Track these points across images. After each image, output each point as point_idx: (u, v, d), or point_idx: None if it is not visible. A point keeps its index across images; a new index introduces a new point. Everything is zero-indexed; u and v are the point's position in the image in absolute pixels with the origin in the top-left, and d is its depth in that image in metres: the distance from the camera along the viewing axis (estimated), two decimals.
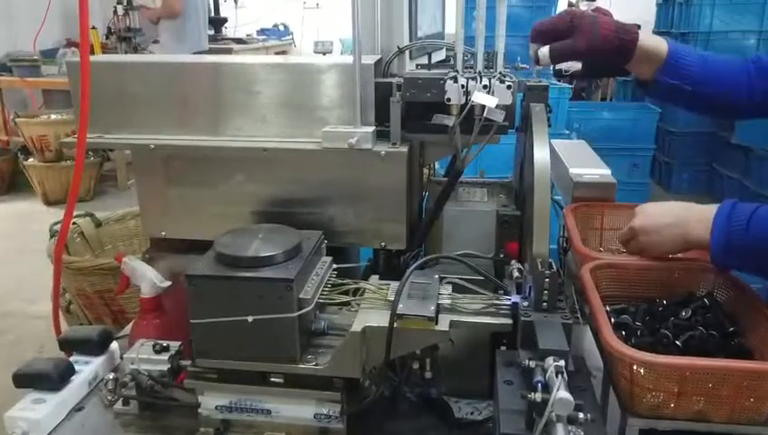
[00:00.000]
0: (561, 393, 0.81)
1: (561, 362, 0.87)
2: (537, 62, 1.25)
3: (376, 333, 1.06)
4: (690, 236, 1.11)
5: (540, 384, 0.85)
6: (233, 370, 1.10)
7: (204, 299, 1.07)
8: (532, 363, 0.90)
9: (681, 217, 1.14)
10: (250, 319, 1.04)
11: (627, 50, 1.21)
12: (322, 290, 1.14)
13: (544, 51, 1.23)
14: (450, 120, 1.23)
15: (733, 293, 1.12)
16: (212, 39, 6.38)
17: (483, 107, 1.19)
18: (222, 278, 1.07)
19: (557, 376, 0.85)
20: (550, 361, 0.88)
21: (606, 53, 1.21)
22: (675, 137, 5.17)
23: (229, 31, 7.80)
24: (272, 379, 1.10)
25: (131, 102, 1.37)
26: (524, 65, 1.34)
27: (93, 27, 5.42)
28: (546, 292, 1.00)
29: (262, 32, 8.14)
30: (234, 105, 1.35)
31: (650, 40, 1.23)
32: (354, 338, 1.06)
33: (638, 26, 1.23)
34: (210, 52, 5.51)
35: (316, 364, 1.08)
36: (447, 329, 1.06)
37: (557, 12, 5.71)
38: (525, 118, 1.30)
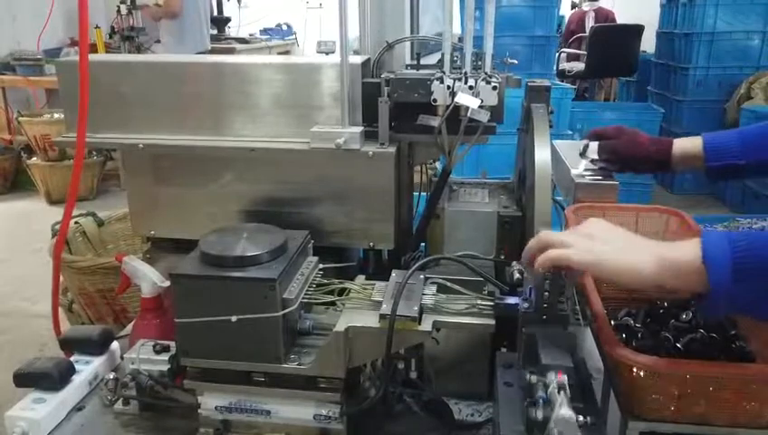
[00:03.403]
0: (564, 411, 0.78)
1: (564, 378, 0.84)
2: (583, 152, 1.45)
3: (359, 332, 1.06)
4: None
5: (541, 400, 0.83)
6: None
7: (188, 298, 1.06)
8: (534, 378, 0.87)
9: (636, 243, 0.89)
10: (234, 319, 1.04)
11: (663, 153, 1.38)
12: (307, 290, 1.14)
13: (593, 145, 1.43)
14: (435, 121, 1.23)
15: None
16: (215, 39, 6.39)
17: (467, 108, 1.19)
18: (206, 278, 1.06)
19: (559, 392, 0.82)
20: (551, 376, 0.85)
21: (644, 156, 1.39)
22: (678, 138, 5.15)
23: (232, 30, 7.81)
24: (256, 378, 1.10)
25: (120, 102, 1.38)
26: (513, 60, 1.35)
27: (97, 27, 5.44)
28: (547, 294, 0.99)
29: (265, 31, 8.14)
30: (223, 105, 1.35)
31: (685, 142, 1.38)
32: (337, 338, 1.05)
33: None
34: (213, 51, 5.52)
35: (300, 364, 1.08)
36: (430, 329, 1.06)
37: (559, 12, 5.74)
38: (527, 118, 1.30)
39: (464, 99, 1.19)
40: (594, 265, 0.86)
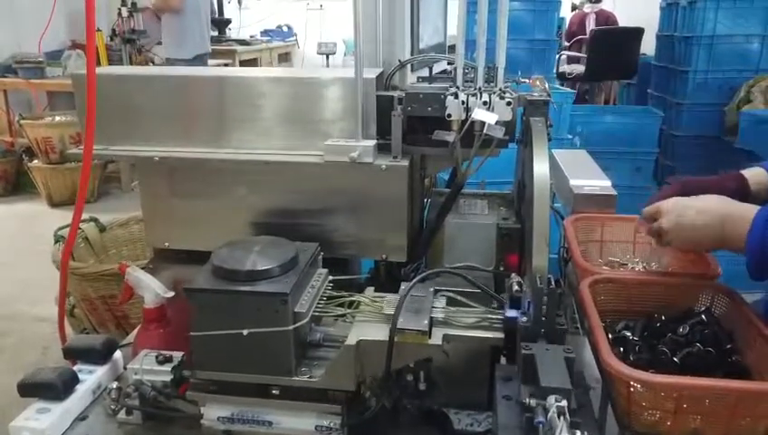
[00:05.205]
0: None
1: (564, 403, 0.83)
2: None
3: (370, 346, 1.07)
4: (726, 237, 1.06)
5: (541, 426, 0.82)
6: (233, 381, 1.12)
7: (202, 312, 1.08)
8: (533, 402, 0.86)
9: (719, 216, 1.08)
10: (245, 332, 1.06)
11: (743, 189, 1.24)
12: (318, 302, 1.16)
13: None
14: (450, 136, 1.24)
15: (730, 309, 1.12)
16: (216, 40, 6.39)
17: (483, 123, 1.20)
18: (219, 292, 1.08)
19: (559, 418, 0.81)
20: (551, 400, 0.84)
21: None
22: (678, 140, 5.16)
23: (233, 32, 7.82)
24: (272, 391, 1.12)
25: (135, 115, 1.39)
26: (524, 79, 1.35)
27: (98, 30, 5.43)
28: (545, 308, 1.00)
29: (265, 33, 8.15)
30: (237, 118, 1.36)
31: (754, 174, 1.26)
32: (348, 351, 1.07)
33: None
34: (213, 53, 5.52)
35: (311, 377, 1.09)
36: (440, 343, 1.07)
37: (559, 15, 5.73)
38: (526, 131, 1.31)
39: (481, 114, 1.20)
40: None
